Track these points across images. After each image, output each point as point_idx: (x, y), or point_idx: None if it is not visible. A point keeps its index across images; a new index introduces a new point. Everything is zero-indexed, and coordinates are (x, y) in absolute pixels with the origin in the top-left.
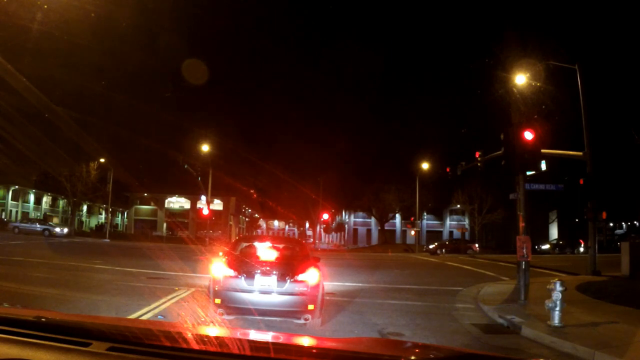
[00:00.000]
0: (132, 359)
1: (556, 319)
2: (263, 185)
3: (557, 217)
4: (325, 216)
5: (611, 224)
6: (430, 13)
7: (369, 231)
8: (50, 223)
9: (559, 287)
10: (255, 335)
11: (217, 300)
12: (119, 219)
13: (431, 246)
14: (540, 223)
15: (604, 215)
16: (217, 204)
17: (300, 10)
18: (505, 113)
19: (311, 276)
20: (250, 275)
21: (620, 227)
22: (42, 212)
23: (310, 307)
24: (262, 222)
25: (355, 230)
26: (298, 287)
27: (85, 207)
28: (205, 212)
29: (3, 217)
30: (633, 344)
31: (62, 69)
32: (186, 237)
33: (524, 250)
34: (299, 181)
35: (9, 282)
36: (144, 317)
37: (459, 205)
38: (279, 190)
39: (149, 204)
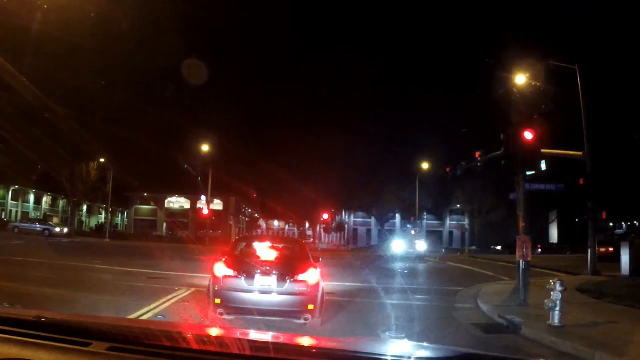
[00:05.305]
0: (132, 359)
1: (556, 319)
2: (263, 185)
3: (557, 217)
4: (325, 216)
5: (611, 224)
6: (431, 13)
7: (369, 231)
8: (50, 223)
9: (559, 287)
10: (255, 335)
11: (217, 300)
12: (119, 219)
13: None
14: (540, 223)
15: (604, 215)
16: (217, 204)
17: (300, 10)
18: (505, 113)
19: (311, 276)
20: (250, 275)
21: (620, 227)
22: (42, 212)
23: (310, 307)
24: (262, 222)
25: (355, 230)
26: (298, 287)
27: (85, 207)
28: (205, 212)
29: (3, 217)
30: (633, 344)
31: (62, 69)
32: (186, 237)
33: (524, 250)
34: (299, 181)
35: (9, 282)
36: (144, 317)
37: (459, 205)
38: (279, 190)
39: (149, 204)
